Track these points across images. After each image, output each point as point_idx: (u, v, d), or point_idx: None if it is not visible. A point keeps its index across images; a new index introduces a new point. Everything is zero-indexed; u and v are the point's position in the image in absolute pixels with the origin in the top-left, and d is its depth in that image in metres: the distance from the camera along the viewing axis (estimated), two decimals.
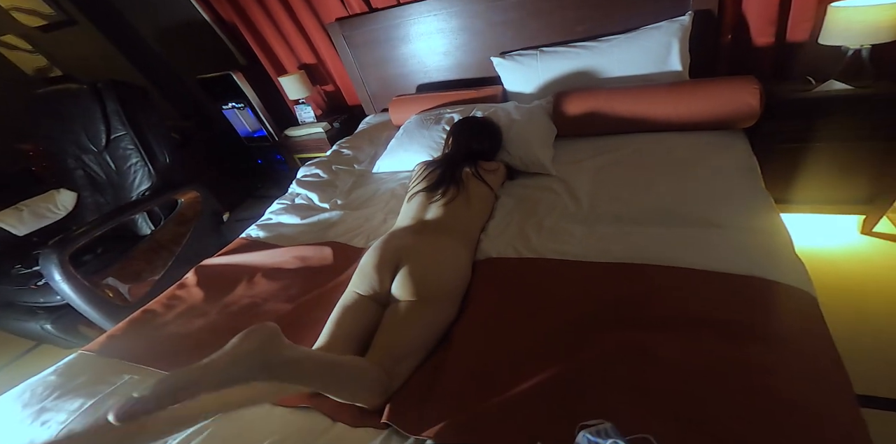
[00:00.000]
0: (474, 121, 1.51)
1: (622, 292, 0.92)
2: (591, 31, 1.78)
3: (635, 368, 0.78)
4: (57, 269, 1.53)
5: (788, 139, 1.45)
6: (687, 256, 0.97)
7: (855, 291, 1.38)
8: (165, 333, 1.14)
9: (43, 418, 0.94)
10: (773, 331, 0.78)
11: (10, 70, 3.08)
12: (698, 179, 1.22)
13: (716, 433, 0.66)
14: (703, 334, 0.80)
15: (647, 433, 0.68)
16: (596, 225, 1.16)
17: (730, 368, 0.74)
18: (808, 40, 1.54)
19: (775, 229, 1.02)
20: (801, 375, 0.71)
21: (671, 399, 0.72)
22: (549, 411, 0.75)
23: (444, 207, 1.20)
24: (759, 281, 0.88)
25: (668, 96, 1.48)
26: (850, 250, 1.54)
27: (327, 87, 2.63)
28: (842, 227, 1.63)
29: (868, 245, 1.55)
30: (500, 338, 0.90)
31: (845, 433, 0.64)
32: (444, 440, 0.74)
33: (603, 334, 0.85)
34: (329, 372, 0.77)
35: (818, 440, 0.63)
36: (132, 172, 1.96)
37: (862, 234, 1.59)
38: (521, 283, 1.02)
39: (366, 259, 1.07)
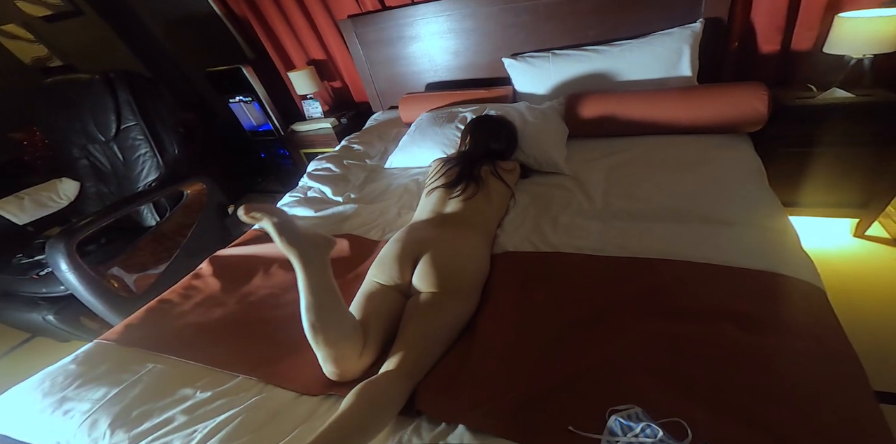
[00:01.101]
0: (493, 119, 1.54)
1: (642, 284, 0.96)
2: (602, 35, 1.83)
3: (662, 356, 0.81)
4: (64, 258, 1.51)
5: (790, 144, 1.52)
6: (701, 251, 1.01)
7: (847, 291, 1.44)
8: (184, 322, 1.14)
9: (65, 407, 0.93)
10: (789, 321, 0.83)
11: (7, 59, 3.02)
12: (708, 179, 1.27)
13: (742, 417, 0.70)
14: (723, 325, 0.84)
15: (676, 416, 0.71)
16: (611, 221, 1.19)
17: (750, 356, 0.78)
18: (812, 49, 1.61)
19: (784, 227, 1.07)
20: (817, 362, 0.75)
21: (697, 385, 0.75)
22: (579, 397, 0.78)
23: (463, 203, 1.23)
24: (771, 275, 0.92)
25: (679, 100, 1.53)
26: (843, 252, 1.61)
27: (335, 83, 2.64)
28: (836, 230, 1.70)
29: (860, 248, 1.62)
30: (524, 327, 0.93)
31: (860, 415, 0.68)
32: (477, 426, 0.75)
33: (627, 323, 0.89)
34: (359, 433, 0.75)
35: (837, 422, 0.67)
36: (140, 162, 1.95)
37: (854, 237, 1.66)
38: (541, 275, 1.06)
39: (386, 250, 1.08)
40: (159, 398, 0.92)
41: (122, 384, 0.96)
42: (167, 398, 0.92)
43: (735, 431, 0.68)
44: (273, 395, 0.91)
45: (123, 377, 0.98)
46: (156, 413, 0.89)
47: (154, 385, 0.96)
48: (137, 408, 0.90)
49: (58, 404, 0.94)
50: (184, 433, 0.84)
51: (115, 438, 0.85)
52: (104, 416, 0.89)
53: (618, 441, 0.71)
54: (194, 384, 0.95)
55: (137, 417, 0.88)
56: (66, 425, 0.90)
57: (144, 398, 0.92)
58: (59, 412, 0.92)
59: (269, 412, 0.86)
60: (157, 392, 0.94)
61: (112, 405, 0.91)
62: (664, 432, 0.70)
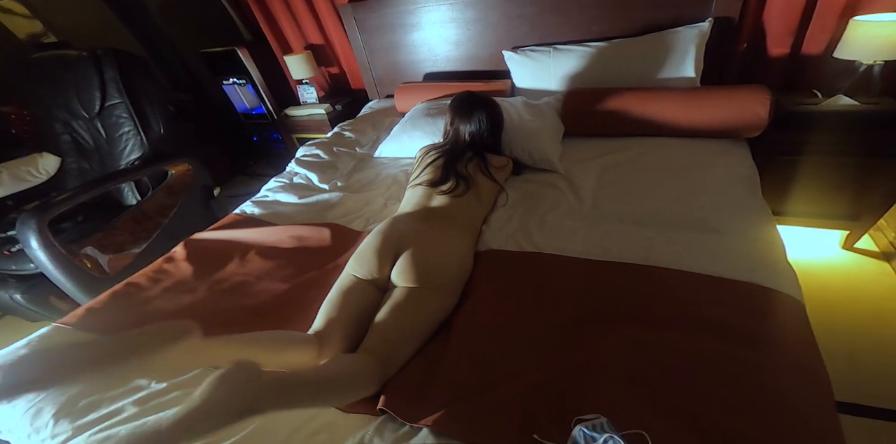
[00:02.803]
0: (471, 99, 1.40)
1: (622, 290, 0.93)
2: (606, 31, 1.76)
3: (633, 363, 0.78)
4: (34, 235, 1.44)
5: (788, 151, 1.47)
6: (686, 259, 0.98)
7: (829, 302, 1.42)
8: (150, 308, 1.08)
9: None
10: (766, 334, 0.80)
11: (3, 34, 2.92)
12: (700, 185, 1.22)
13: (707, 428, 0.67)
14: (700, 334, 0.81)
15: (641, 427, 0.68)
16: (598, 224, 1.15)
17: (723, 366, 0.75)
18: (823, 54, 1.55)
19: (771, 238, 1.04)
20: (788, 374, 0.73)
21: (666, 394, 0.73)
22: (547, 403, 0.75)
23: (450, 198, 1.17)
24: (754, 287, 0.89)
25: (679, 101, 1.48)
26: (831, 263, 1.58)
27: (332, 69, 2.56)
28: (825, 241, 1.67)
29: (848, 260, 1.59)
30: (501, 329, 0.89)
31: (824, 429, 0.66)
32: (441, 430, 0.71)
33: (602, 329, 0.85)
34: (319, 392, 0.72)
35: (801, 434, 0.65)
36: (123, 140, 1.88)
37: (843, 249, 1.63)
38: (523, 276, 1.01)
39: (366, 243, 1.03)
40: (110, 388, 0.87)
41: None
42: (119, 388, 0.87)
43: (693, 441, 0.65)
44: None
45: None
46: (104, 404, 0.84)
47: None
48: (86, 398, 0.85)
49: None
50: (132, 425, 0.79)
51: (58, 428, 0.81)
52: (49, 405, 0.84)
53: None
54: (150, 374, 0.89)
55: (85, 407, 0.83)
56: (10, 412, 0.85)
57: (95, 387, 0.87)
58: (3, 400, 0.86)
59: None
60: (109, 382, 0.88)
61: (60, 393, 0.86)
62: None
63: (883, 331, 1.32)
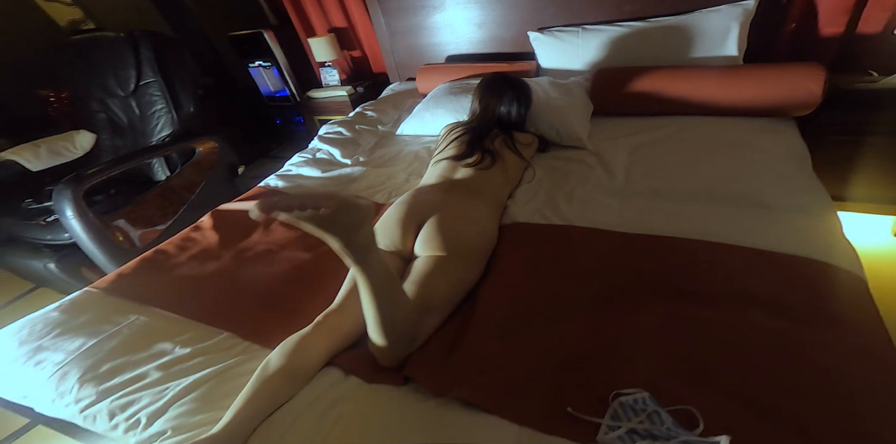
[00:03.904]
0: (502, 78, 1.38)
1: (663, 263, 0.86)
2: (640, 11, 1.67)
3: (674, 338, 0.72)
4: (70, 204, 1.46)
5: (840, 132, 1.36)
6: (733, 233, 0.91)
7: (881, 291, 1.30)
8: (177, 274, 1.08)
9: (38, 357, 0.88)
10: (825, 311, 0.73)
11: (44, 20, 3.01)
12: (746, 161, 1.14)
13: (764, 408, 0.61)
14: (751, 309, 0.74)
15: (688, 404, 0.62)
16: (632, 199, 1.09)
17: (778, 343, 0.69)
18: (881, 32, 1.42)
19: (826, 213, 0.95)
20: (856, 354, 0.66)
21: (714, 372, 0.67)
22: (580, 376, 0.70)
23: (475, 170, 1.13)
24: (809, 262, 0.82)
25: (722, 79, 1.39)
26: (881, 251, 1.46)
27: (354, 52, 2.54)
28: (876, 227, 1.55)
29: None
30: (528, 301, 0.84)
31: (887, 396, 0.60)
32: (468, 400, 0.67)
33: (638, 303, 0.79)
34: (392, 282, 0.72)
35: (875, 421, 0.58)
36: (155, 117, 1.93)
37: (895, 236, 1.50)
38: (551, 248, 0.96)
39: (389, 214, 1.00)
40: (136, 352, 0.86)
41: (100, 336, 0.91)
42: (144, 352, 0.86)
43: (754, 423, 0.60)
44: (255, 356, 0.84)
45: (103, 328, 0.93)
46: (129, 368, 0.83)
47: (132, 338, 0.90)
48: (111, 362, 0.84)
49: (32, 353, 0.89)
50: (155, 390, 0.78)
51: (83, 392, 0.80)
52: (76, 369, 0.84)
53: (620, 427, 0.63)
54: (175, 339, 0.89)
55: (109, 371, 0.83)
56: (36, 376, 0.85)
57: (120, 351, 0.87)
58: (32, 362, 0.87)
59: (247, 375, 0.78)
60: (134, 346, 0.88)
61: (86, 357, 0.86)
62: (673, 420, 0.62)
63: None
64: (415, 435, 0.65)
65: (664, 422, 0.61)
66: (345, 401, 0.73)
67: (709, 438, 0.57)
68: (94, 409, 0.78)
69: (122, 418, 0.75)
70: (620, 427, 0.62)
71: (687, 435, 0.59)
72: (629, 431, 0.62)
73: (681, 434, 0.60)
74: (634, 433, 0.61)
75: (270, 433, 0.68)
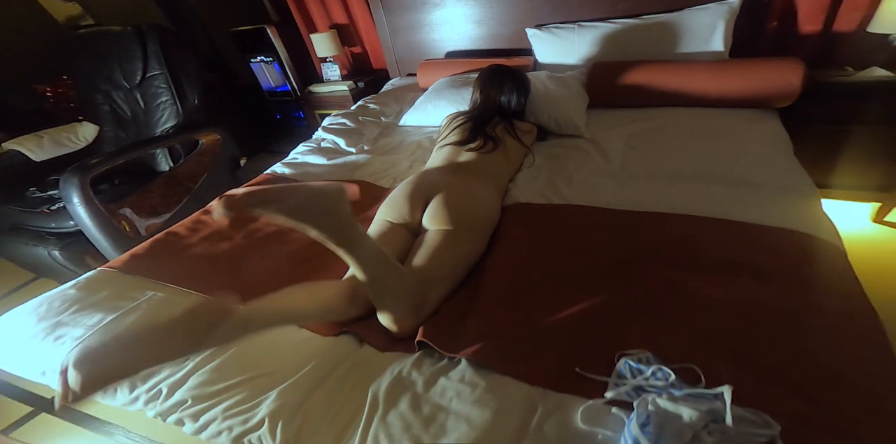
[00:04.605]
0: (501, 68, 1.41)
1: (659, 237, 0.90)
2: (633, 9, 1.71)
3: (673, 304, 0.75)
4: (77, 191, 1.46)
5: (819, 122, 1.42)
6: (723, 209, 0.95)
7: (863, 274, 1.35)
8: (190, 254, 1.09)
9: (58, 332, 0.88)
10: (810, 277, 0.77)
11: (42, 16, 2.96)
12: (733, 147, 1.19)
13: (759, 366, 0.64)
14: (742, 277, 0.78)
15: (688, 362, 0.65)
16: (628, 181, 1.13)
17: (768, 307, 0.72)
18: (855, 30, 1.49)
19: (808, 191, 1.01)
20: (837, 316, 0.70)
21: (711, 333, 0.70)
22: (586, 339, 0.73)
23: (478, 154, 1.16)
24: (794, 234, 0.87)
25: (709, 71, 1.44)
26: (861, 236, 1.51)
27: (355, 48, 2.55)
28: (855, 214, 1.61)
29: (879, 233, 1.53)
30: (533, 271, 0.87)
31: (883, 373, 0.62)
32: (481, 360, 0.69)
33: (638, 272, 0.83)
34: (382, 258, 0.73)
35: (859, 374, 0.62)
36: (160, 109, 1.92)
37: (874, 222, 1.56)
38: (553, 224, 0.99)
39: (397, 191, 1.03)
40: None
41: (118, 311, 0.91)
42: None
43: (749, 378, 0.63)
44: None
45: (122, 304, 0.93)
46: None
47: (151, 313, 0.90)
48: None
49: (51, 329, 0.88)
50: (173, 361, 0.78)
51: None
52: None
53: (626, 384, 0.66)
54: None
55: None
56: (56, 351, 0.84)
57: None
58: (51, 337, 0.87)
59: (264, 345, 0.80)
60: (153, 320, 0.88)
61: (106, 331, 0.86)
62: (676, 376, 0.65)
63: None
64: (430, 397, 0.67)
65: (668, 378, 0.64)
66: (360, 368, 0.75)
67: (712, 389, 0.60)
68: None
69: (142, 389, 0.76)
70: (627, 385, 0.65)
71: (690, 389, 0.62)
72: (636, 387, 0.65)
73: (685, 388, 0.63)
74: (641, 389, 0.64)
75: (294, 395, 0.70)
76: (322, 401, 0.70)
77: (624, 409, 0.61)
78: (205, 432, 0.70)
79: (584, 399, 0.63)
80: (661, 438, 0.55)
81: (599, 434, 0.59)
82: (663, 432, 0.55)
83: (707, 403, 0.58)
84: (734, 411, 0.56)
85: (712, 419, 0.57)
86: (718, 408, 0.57)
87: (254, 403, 0.71)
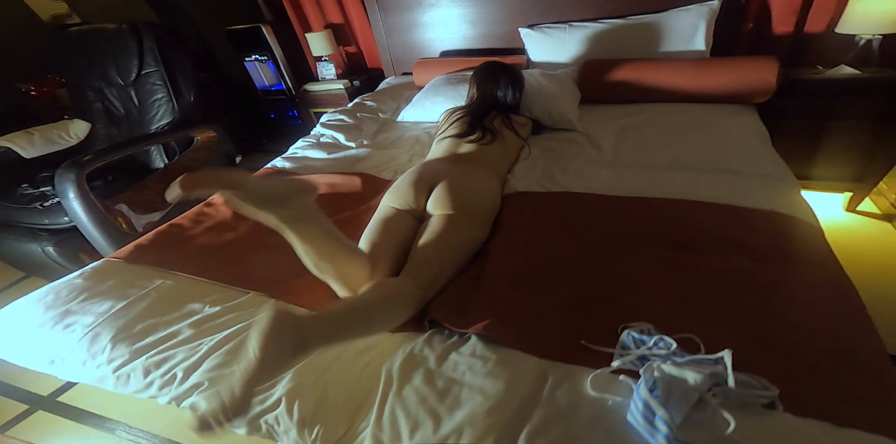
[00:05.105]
0: (496, 64, 1.45)
1: (652, 219, 0.94)
2: (621, 10, 1.77)
3: (669, 280, 0.79)
4: (73, 187, 1.43)
5: (794, 117, 1.49)
6: (710, 193, 1.00)
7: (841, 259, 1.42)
8: (196, 243, 1.08)
9: (67, 320, 0.87)
10: (793, 253, 0.82)
11: (26, 15, 2.88)
12: (716, 138, 1.25)
13: (746, 331, 0.68)
14: (731, 253, 0.82)
15: (687, 333, 0.68)
16: (621, 170, 1.17)
17: (756, 279, 0.77)
18: (824, 30, 1.57)
19: (788, 178, 1.07)
20: (818, 287, 0.75)
21: (705, 306, 0.74)
22: (589, 314, 0.75)
23: (477, 146, 1.18)
24: (775, 215, 0.92)
25: (692, 69, 1.50)
26: (835, 224, 1.59)
27: (350, 48, 2.55)
28: (829, 204, 1.69)
29: (852, 221, 1.61)
30: (535, 253, 0.89)
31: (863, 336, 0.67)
32: (491, 334, 0.71)
33: (634, 252, 0.86)
34: (362, 320, 0.71)
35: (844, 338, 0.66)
36: (156, 106, 1.90)
37: (846, 211, 1.64)
38: (551, 210, 1.03)
39: (403, 178, 1.04)
40: (166, 313, 0.86)
41: (128, 298, 0.90)
42: (174, 312, 0.86)
43: (745, 344, 0.66)
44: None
45: (130, 292, 0.92)
46: (161, 327, 0.83)
47: (161, 300, 0.90)
48: (142, 322, 0.84)
49: (60, 317, 0.87)
50: (189, 346, 0.78)
51: (116, 352, 0.79)
52: (107, 330, 0.83)
53: (631, 354, 0.68)
54: (203, 300, 0.89)
55: (141, 331, 0.82)
56: (65, 339, 0.83)
57: (151, 313, 0.86)
58: (60, 326, 0.85)
59: None
60: (164, 307, 0.88)
61: (116, 318, 0.85)
62: (677, 345, 0.68)
63: (890, 285, 1.32)
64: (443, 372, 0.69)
65: (670, 347, 0.67)
66: (372, 349, 0.76)
67: (713, 355, 0.63)
68: (128, 368, 0.77)
69: (157, 374, 0.75)
70: (631, 355, 0.68)
71: (692, 356, 0.65)
72: (640, 356, 0.67)
73: (686, 356, 0.66)
74: (645, 358, 0.67)
75: (309, 375, 0.70)
76: (337, 380, 0.71)
77: (631, 377, 0.64)
78: None
79: (592, 369, 0.66)
80: (668, 401, 0.57)
81: (609, 400, 0.61)
82: (671, 395, 0.58)
83: (709, 368, 0.61)
84: (734, 376, 0.59)
85: (715, 383, 0.60)
86: (720, 372, 0.60)
87: (269, 383, 0.71)
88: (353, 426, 0.65)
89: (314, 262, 0.78)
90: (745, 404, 0.58)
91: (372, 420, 0.64)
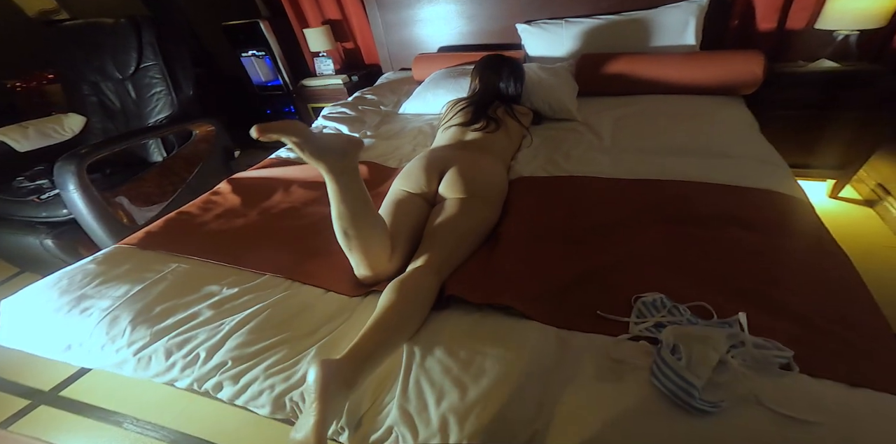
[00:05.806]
0: (498, 57, 1.48)
1: (654, 198, 0.97)
2: (615, 6, 1.81)
3: (675, 253, 0.81)
4: (73, 178, 1.39)
5: (779, 107, 1.54)
6: (707, 174, 1.04)
7: None
8: (207, 230, 1.07)
9: (83, 305, 0.85)
10: (786, 224, 0.86)
11: (10, 11, 2.78)
12: (709, 126, 1.29)
13: (754, 300, 0.71)
14: (731, 227, 0.86)
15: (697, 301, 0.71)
16: (620, 155, 1.19)
17: (755, 250, 0.80)
18: (805, 27, 1.64)
19: (778, 161, 1.11)
20: (813, 254, 0.79)
21: (711, 276, 0.76)
22: (604, 287, 0.77)
23: (482, 133, 1.19)
24: (769, 192, 0.96)
25: (683, 62, 1.54)
26: (820, 210, 1.62)
27: (347, 44, 2.54)
28: (813, 191, 1.73)
29: (835, 207, 1.67)
30: (544, 233, 0.91)
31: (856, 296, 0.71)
32: (511, 306, 0.73)
33: (640, 229, 0.89)
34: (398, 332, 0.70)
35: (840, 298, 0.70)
36: (154, 100, 1.86)
37: (829, 197, 1.71)
38: (558, 192, 1.05)
39: (413, 163, 1.04)
40: (184, 295, 0.85)
41: (145, 282, 0.88)
42: (193, 294, 0.85)
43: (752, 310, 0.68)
44: (300, 291, 0.85)
45: (147, 276, 0.90)
46: (180, 309, 0.82)
47: (179, 283, 0.88)
48: (161, 304, 0.83)
49: (76, 302, 0.85)
50: (210, 326, 0.78)
51: (136, 335, 0.78)
52: (125, 312, 0.81)
53: (645, 322, 0.70)
54: (220, 282, 0.88)
55: (161, 313, 0.81)
56: (82, 323, 0.81)
57: (169, 295, 0.85)
58: (77, 310, 0.83)
59: (296, 307, 0.81)
60: (182, 289, 0.86)
61: (135, 301, 0.83)
62: (691, 312, 0.70)
63: (875, 266, 1.38)
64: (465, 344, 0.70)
65: (684, 314, 0.70)
66: None
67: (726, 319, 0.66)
68: (150, 350, 0.76)
69: (179, 355, 0.74)
70: (648, 321, 0.70)
71: (706, 322, 0.68)
72: (656, 323, 0.69)
73: (700, 322, 0.68)
74: (660, 325, 0.69)
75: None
76: None
77: (650, 343, 0.66)
78: (245, 394, 0.70)
79: (610, 337, 0.68)
80: (689, 362, 0.59)
81: (631, 363, 0.63)
82: (692, 356, 0.60)
83: (725, 331, 0.64)
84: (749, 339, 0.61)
85: (732, 345, 0.63)
86: (737, 333, 0.62)
87: (294, 360, 0.71)
88: (378, 399, 0.66)
89: (346, 225, 0.79)
90: (762, 365, 0.60)
91: (398, 392, 0.64)
